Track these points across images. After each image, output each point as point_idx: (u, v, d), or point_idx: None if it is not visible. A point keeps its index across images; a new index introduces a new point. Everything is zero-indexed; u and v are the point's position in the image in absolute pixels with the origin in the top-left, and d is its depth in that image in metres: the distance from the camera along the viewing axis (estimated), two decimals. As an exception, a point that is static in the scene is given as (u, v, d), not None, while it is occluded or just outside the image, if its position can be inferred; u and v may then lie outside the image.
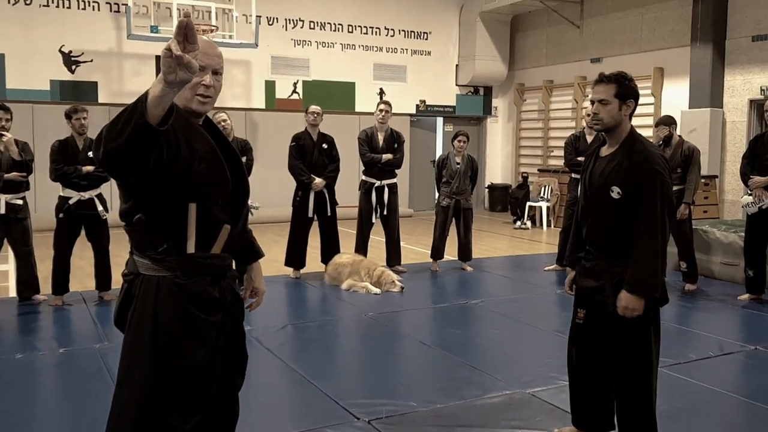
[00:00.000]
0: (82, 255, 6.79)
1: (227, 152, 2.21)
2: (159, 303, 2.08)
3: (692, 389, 4.08)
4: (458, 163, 7.57)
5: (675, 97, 10.97)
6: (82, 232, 6.03)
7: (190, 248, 2.10)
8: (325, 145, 7.13)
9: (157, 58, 11.37)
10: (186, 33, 1.66)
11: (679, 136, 6.76)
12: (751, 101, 10.07)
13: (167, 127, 1.77)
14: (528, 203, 12.19)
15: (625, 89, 2.90)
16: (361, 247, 7.43)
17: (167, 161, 1.92)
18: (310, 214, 7.05)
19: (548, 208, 12.06)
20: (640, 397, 2.94)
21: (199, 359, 2.12)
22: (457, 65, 14.11)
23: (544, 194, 12.24)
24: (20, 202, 5.84)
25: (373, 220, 7.47)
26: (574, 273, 3.22)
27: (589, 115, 7.39)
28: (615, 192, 2.87)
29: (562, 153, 8.06)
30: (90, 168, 5.80)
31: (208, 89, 2.10)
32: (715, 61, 10.27)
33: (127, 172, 1.90)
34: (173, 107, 1.76)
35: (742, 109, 10.20)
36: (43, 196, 8.34)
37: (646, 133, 10.18)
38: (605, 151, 3.02)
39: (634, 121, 3.09)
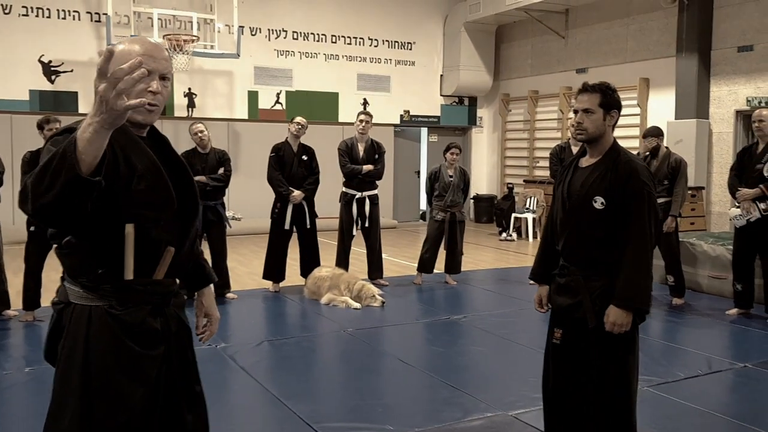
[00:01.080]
0: (57, 268, 6.58)
1: (174, 168, 2.01)
2: (91, 336, 1.87)
3: (679, 409, 3.94)
4: (451, 176, 7.44)
5: (661, 107, 10.92)
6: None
7: (128, 274, 1.88)
8: (305, 157, 6.98)
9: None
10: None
11: (666, 147, 6.67)
12: (737, 112, 10.03)
13: (102, 176, 1.57)
14: (513, 214, 12.08)
15: (609, 99, 2.84)
16: (342, 260, 7.27)
17: (106, 182, 1.69)
18: (287, 227, 6.88)
19: (534, 219, 11.95)
20: (619, 415, 2.82)
21: (137, 399, 1.90)
22: (441, 75, 14.02)
23: (529, 205, 12.13)
24: (-12, 215, 5.67)
25: (354, 232, 7.32)
26: (544, 289, 3.12)
27: (573, 125, 7.43)
28: (598, 202, 2.79)
29: (546, 164, 7.95)
30: (61, 180, 5.63)
31: (155, 96, 1.90)
32: (701, 72, 10.22)
33: (65, 224, 1.72)
34: (106, 154, 1.58)
35: (728, 119, 10.15)
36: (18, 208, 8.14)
37: (632, 144, 10.12)
38: (585, 161, 2.93)
39: (620, 132, 2.99)
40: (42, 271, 5.80)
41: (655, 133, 6.51)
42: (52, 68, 10.82)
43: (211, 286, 2.34)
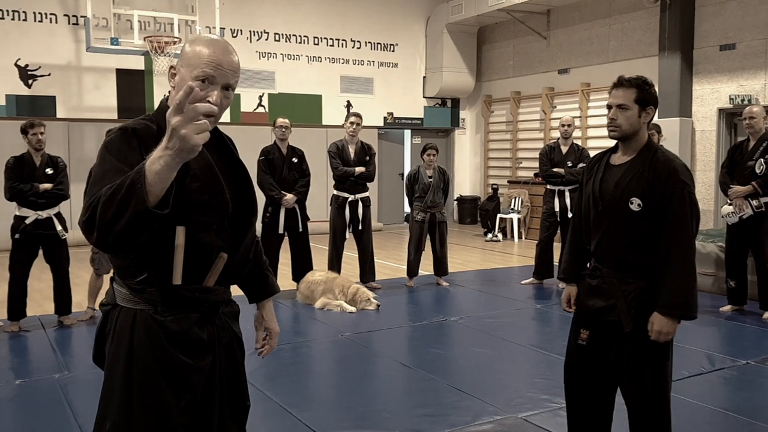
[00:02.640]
0: (41, 277, 6.42)
1: (233, 172, 1.92)
2: (135, 341, 1.79)
3: (690, 408, 3.91)
4: (430, 177, 7.40)
5: (644, 107, 10.96)
6: (40, 253, 5.69)
7: (177, 279, 1.80)
8: (294, 159, 6.88)
9: (118, 71, 11.03)
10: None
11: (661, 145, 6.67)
12: (720, 110, 10.11)
13: (168, 209, 1.54)
14: (499, 215, 12.08)
15: (645, 95, 2.68)
16: (335, 264, 7.17)
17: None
18: (281, 231, 6.78)
19: (519, 219, 11.95)
20: (655, 420, 2.73)
21: (180, 410, 1.82)
22: (424, 77, 13.99)
23: (514, 206, 12.14)
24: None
25: (347, 235, 7.23)
26: (573, 288, 2.98)
27: (564, 125, 7.41)
28: (635, 204, 2.64)
29: (529, 164, 7.93)
30: (48, 185, 5.52)
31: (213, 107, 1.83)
32: (684, 71, 10.29)
33: (126, 251, 1.72)
34: (173, 185, 1.54)
35: (711, 118, 10.24)
36: (2, 215, 7.92)
37: (612, 143, 10.14)
38: (618, 159, 2.78)
39: (601, 132, 2.89)
40: (27, 279, 5.67)
41: (657, 129, 6.51)
42: (29, 72, 10.57)
43: (272, 298, 2.24)
